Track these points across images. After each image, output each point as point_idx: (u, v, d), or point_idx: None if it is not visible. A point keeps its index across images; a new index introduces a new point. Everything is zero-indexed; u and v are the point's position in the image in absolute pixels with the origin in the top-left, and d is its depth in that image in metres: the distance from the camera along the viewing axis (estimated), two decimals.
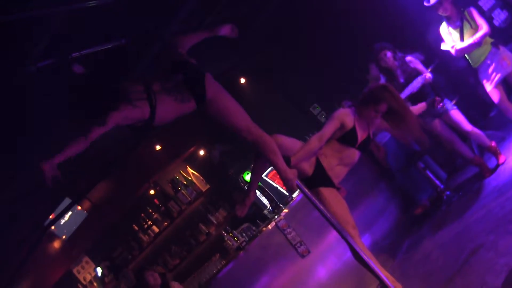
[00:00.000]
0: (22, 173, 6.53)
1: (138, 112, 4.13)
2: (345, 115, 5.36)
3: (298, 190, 5.04)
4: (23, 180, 6.70)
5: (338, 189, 5.32)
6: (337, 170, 5.32)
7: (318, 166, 5.23)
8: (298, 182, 4.74)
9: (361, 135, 5.41)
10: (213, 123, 4.59)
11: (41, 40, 4.79)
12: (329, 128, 5.28)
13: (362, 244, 5.00)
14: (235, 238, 8.11)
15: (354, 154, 5.42)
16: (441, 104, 7.68)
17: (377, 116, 5.39)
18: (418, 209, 8.24)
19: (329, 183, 5.22)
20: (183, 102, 4.29)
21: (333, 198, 5.13)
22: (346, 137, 5.34)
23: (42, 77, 5.19)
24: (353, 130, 5.34)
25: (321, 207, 4.80)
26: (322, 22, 10.00)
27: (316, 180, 5.19)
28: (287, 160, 4.82)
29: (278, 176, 4.82)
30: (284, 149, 4.88)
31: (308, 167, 5.20)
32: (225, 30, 5.21)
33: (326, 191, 5.14)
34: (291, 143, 5.12)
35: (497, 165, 7.39)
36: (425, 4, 7.53)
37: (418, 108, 7.31)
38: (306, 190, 4.85)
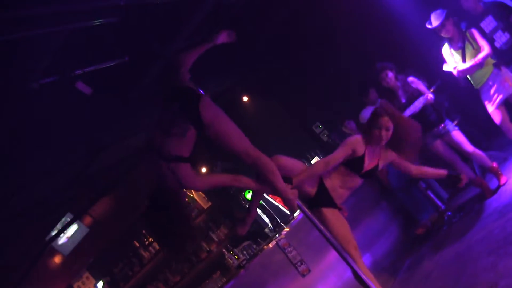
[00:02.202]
0: (23, 188, 6.55)
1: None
2: (357, 143, 5.34)
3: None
4: (25, 196, 6.71)
5: (340, 209, 5.31)
6: (340, 192, 5.31)
7: (321, 186, 5.23)
8: (299, 202, 4.74)
9: (368, 164, 5.40)
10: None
11: (44, 57, 4.82)
12: (339, 155, 5.25)
13: (363, 265, 4.98)
14: (236, 256, 8.10)
15: (357, 180, 5.42)
16: (442, 125, 7.71)
17: (382, 136, 5.35)
18: (420, 229, 8.24)
19: (331, 203, 5.22)
20: (185, 133, 4.31)
21: (335, 219, 5.12)
22: (353, 164, 5.33)
23: (45, 94, 5.22)
24: (361, 158, 5.32)
25: (321, 227, 4.80)
26: (326, 40, 10.05)
27: (319, 200, 5.18)
28: (289, 181, 4.82)
29: None
30: (285, 170, 4.87)
31: (311, 188, 5.19)
32: (222, 38, 5.25)
33: (328, 212, 5.13)
34: (292, 164, 5.10)
35: (499, 186, 7.38)
36: (427, 26, 7.57)
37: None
38: (307, 210, 4.85)
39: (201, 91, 4.53)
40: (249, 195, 5.60)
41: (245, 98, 11.22)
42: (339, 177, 5.32)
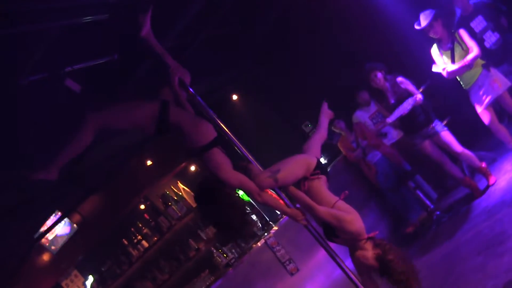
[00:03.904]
0: (10, 185, 6.51)
1: None
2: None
3: None
4: (12, 194, 6.67)
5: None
6: None
7: None
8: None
9: None
10: None
11: (33, 54, 4.80)
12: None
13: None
14: (224, 255, 8.09)
15: None
16: (431, 126, 7.73)
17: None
18: (410, 228, 8.27)
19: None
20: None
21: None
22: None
23: (34, 91, 5.19)
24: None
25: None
26: (315, 40, 10.05)
27: None
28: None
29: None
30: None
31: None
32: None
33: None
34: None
35: (488, 186, 7.41)
36: (416, 27, 7.58)
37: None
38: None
39: (191, 90, 4.50)
40: (240, 192, 5.54)
41: (235, 97, 11.21)
42: None
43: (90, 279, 9.88)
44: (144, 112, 4.22)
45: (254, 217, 8.77)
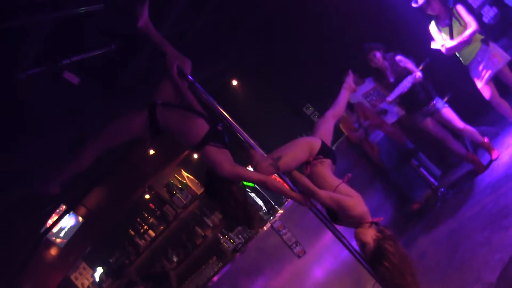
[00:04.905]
0: (16, 181, 6.52)
1: None
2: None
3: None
4: (18, 188, 6.69)
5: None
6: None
7: None
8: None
9: None
10: None
11: (31, 48, 4.78)
12: None
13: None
14: (231, 240, 8.11)
15: None
16: (432, 103, 7.72)
17: None
18: (416, 204, 8.28)
19: None
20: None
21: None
22: None
23: (33, 85, 5.18)
24: None
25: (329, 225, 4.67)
26: (314, 22, 10.01)
27: None
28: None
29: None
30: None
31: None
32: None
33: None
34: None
35: (491, 161, 7.42)
36: (413, 5, 7.55)
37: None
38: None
39: (190, 78, 4.48)
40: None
41: (235, 82, 11.19)
42: None
43: (99, 270, 9.93)
44: (136, 122, 4.29)
45: (259, 201, 8.80)
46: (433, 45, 7.75)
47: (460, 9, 7.35)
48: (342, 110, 5.15)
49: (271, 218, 7.91)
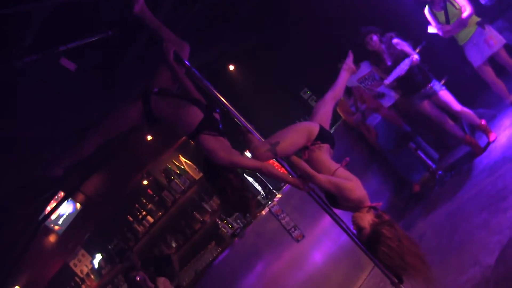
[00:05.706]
0: (13, 168, 6.51)
1: None
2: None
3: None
4: (15, 175, 6.68)
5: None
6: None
7: None
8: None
9: None
10: None
11: (27, 35, 4.76)
12: None
13: None
14: (230, 225, 8.12)
15: None
16: (429, 86, 7.72)
17: None
18: (416, 187, 8.28)
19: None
20: None
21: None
22: None
23: (29, 72, 5.17)
24: None
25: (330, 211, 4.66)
26: (312, 6, 9.97)
27: None
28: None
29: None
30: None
31: None
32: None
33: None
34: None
35: (488, 143, 7.43)
36: None
37: None
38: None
39: (187, 62, 4.45)
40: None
41: (231, 67, 11.17)
42: None
43: (98, 257, 9.95)
44: (132, 112, 4.33)
45: (257, 186, 8.81)
46: (430, 29, 7.75)
47: None
48: (341, 91, 5.12)
49: (269, 202, 7.92)
